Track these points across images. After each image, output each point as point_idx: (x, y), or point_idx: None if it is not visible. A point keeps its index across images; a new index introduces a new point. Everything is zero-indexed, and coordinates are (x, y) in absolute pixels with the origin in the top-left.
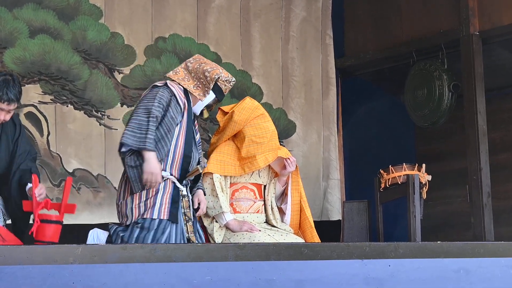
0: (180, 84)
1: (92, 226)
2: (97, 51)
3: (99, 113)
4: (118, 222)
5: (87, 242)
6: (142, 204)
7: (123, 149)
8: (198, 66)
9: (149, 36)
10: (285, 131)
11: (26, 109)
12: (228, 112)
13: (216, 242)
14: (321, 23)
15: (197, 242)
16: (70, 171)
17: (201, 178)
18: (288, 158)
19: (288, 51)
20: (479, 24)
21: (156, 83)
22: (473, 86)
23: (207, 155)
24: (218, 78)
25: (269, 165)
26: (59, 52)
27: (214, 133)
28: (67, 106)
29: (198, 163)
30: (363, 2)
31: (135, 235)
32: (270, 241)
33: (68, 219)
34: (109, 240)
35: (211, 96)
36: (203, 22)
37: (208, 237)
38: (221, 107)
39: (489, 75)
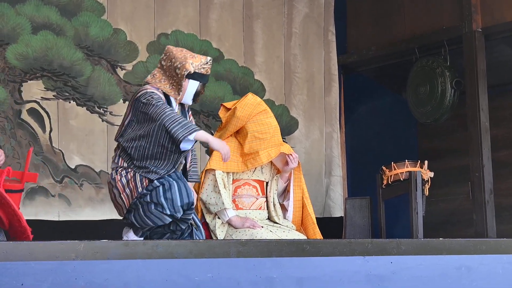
0: (157, 86)
1: (94, 223)
2: (99, 47)
3: (101, 109)
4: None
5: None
6: (128, 190)
7: (186, 146)
8: (170, 64)
9: (152, 32)
10: (287, 127)
11: (28, 105)
12: (230, 108)
13: (218, 238)
14: (323, 19)
15: (195, 227)
16: (72, 167)
17: (189, 172)
18: (291, 154)
19: (290, 48)
20: (481, 21)
21: (138, 96)
22: (476, 82)
23: (209, 152)
24: (188, 72)
25: (271, 162)
26: (62, 48)
27: (217, 130)
28: (70, 102)
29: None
30: None
31: (140, 207)
32: (272, 237)
33: (71, 216)
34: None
35: (194, 84)
36: (206, 18)
37: (210, 233)
38: (223, 104)
39: (492, 71)
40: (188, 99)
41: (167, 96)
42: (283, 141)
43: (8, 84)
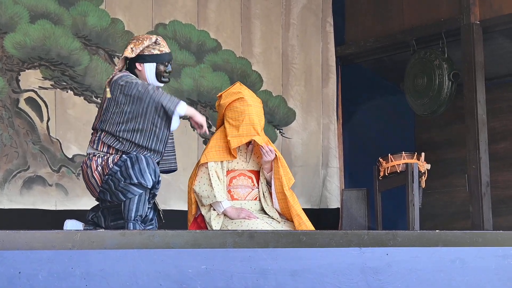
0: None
1: None
2: (97, 37)
3: (98, 99)
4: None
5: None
6: (100, 168)
7: (175, 124)
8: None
9: (150, 22)
10: (284, 118)
11: (26, 94)
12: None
13: (214, 230)
14: (321, 10)
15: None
16: (70, 156)
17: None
18: (262, 146)
19: (288, 39)
20: (480, 13)
21: (115, 79)
22: (473, 75)
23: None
24: (125, 57)
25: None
26: (60, 38)
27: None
28: (67, 92)
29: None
30: None
31: (112, 184)
32: (268, 228)
33: (68, 205)
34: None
35: (150, 67)
36: (204, 8)
37: (206, 225)
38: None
39: (490, 64)
40: (152, 81)
41: None
42: (281, 132)
43: (6, 73)
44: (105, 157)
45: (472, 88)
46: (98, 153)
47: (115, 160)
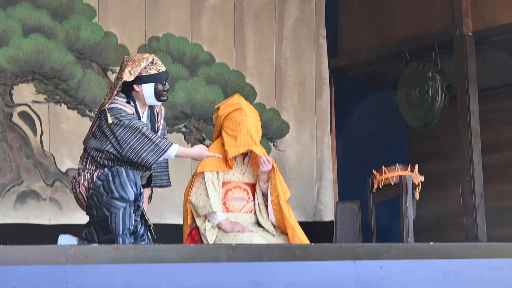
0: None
1: None
2: (90, 50)
3: (92, 112)
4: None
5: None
6: (86, 183)
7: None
8: (117, 76)
9: (143, 35)
10: (278, 131)
11: (19, 108)
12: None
13: (209, 242)
14: (314, 22)
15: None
16: (64, 170)
17: (154, 177)
18: (260, 156)
19: (281, 51)
20: (472, 25)
21: (104, 108)
22: (466, 86)
23: None
24: (124, 81)
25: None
26: (53, 52)
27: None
28: (61, 106)
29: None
30: (357, 1)
31: (96, 199)
32: (262, 242)
33: (62, 219)
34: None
35: (149, 87)
36: (197, 21)
37: (201, 237)
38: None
39: (482, 75)
40: (151, 101)
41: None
42: (274, 145)
43: None
44: (93, 173)
45: (465, 100)
46: (87, 170)
47: (99, 175)
